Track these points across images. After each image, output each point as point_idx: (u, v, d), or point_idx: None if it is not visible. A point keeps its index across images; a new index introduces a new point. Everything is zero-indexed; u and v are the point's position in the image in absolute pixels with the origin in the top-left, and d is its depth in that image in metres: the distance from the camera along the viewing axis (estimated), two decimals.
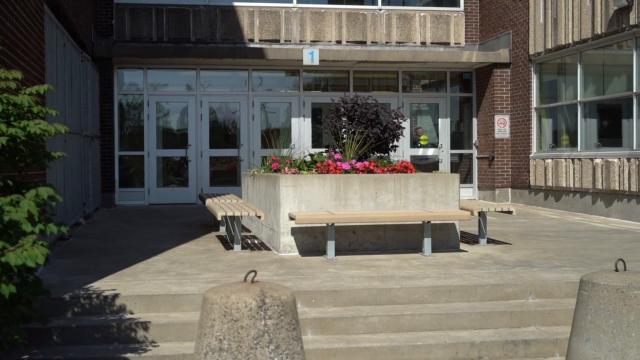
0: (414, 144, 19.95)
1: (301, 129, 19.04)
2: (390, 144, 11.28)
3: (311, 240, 9.54)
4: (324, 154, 10.85)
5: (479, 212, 10.28)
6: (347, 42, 19.14)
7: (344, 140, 10.80)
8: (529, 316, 7.07)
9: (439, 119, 20.02)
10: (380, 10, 19.38)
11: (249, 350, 4.38)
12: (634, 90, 13.79)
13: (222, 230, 11.99)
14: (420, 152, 19.90)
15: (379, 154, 11.27)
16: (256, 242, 10.81)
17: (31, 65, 7.83)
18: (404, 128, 11.42)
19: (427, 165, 19.67)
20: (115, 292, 6.95)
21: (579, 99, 15.68)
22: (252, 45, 18.57)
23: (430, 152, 19.93)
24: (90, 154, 14.54)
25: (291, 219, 9.09)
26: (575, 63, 15.79)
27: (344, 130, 10.98)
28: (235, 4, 18.74)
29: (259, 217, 9.55)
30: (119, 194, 18.30)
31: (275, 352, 4.43)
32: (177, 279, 7.68)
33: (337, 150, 10.90)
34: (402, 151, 19.46)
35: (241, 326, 4.40)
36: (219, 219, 9.66)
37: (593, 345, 5.24)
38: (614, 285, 5.23)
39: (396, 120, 11.12)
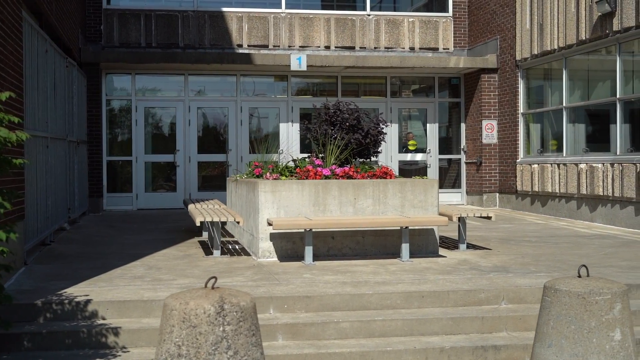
0: (403, 149, 19.98)
1: (289, 134, 19.07)
2: (372, 150, 11.31)
3: (290, 246, 9.57)
4: (307, 160, 10.88)
5: (459, 218, 10.30)
6: (335, 47, 19.18)
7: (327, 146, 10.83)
8: (500, 321, 7.10)
9: (427, 124, 20.07)
10: (369, 15, 19.44)
11: (207, 356, 4.40)
12: (618, 96, 13.84)
13: (205, 235, 12.01)
14: (408, 157, 19.94)
15: (361, 160, 11.31)
16: (237, 247, 10.83)
17: (7, 71, 7.85)
18: (385, 134, 11.45)
19: (416, 170, 19.71)
20: (87, 297, 6.97)
21: (564, 105, 15.74)
22: (240, 51, 18.61)
23: (419, 157, 19.96)
24: (76, 159, 14.54)
25: (269, 224, 9.11)
26: (561, 68, 15.85)
27: (326, 136, 11.00)
28: (224, 9, 18.79)
29: (238, 222, 9.58)
30: (107, 199, 18.31)
31: (233, 357, 4.45)
32: (152, 284, 7.70)
33: (319, 155, 10.93)
34: (391, 156, 19.52)
35: (200, 332, 4.42)
36: (198, 224, 9.68)
37: (555, 350, 5.27)
38: (576, 291, 5.26)
39: (377, 126, 11.15)
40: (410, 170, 19.55)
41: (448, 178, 20.12)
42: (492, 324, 7.07)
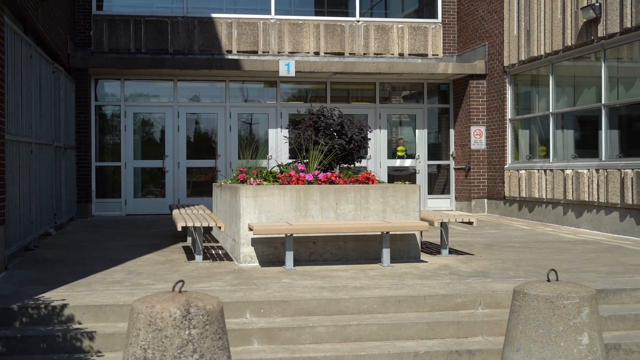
0: (392, 155, 20.02)
1: (278, 139, 19.09)
2: (356, 155, 11.34)
3: (271, 251, 9.59)
4: (292, 165, 10.91)
5: (441, 223, 10.33)
6: (325, 53, 19.23)
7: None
8: (476, 326, 7.12)
9: (417, 130, 20.10)
10: (358, 22, 19.49)
11: (173, 359, 4.42)
12: (603, 102, 13.89)
13: (190, 241, 12.02)
14: (397, 163, 19.97)
15: (345, 165, 11.34)
16: (221, 252, 10.85)
17: None
18: (369, 139, 11.48)
19: (406, 176, 19.73)
20: (64, 302, 6.98)
21: (551, 110, 15.79)
22: (229, 57, 18.65)
23: (408, 163, 19.99)
24: (63, 165, 14.55)
25: (250, 229, 9.13)
26: (548, 75, 15.91)
27: (309, 141, 11.03)
28: (214, 15, 18.83)
29: (219, 227, 9.60)
30: (96, 204, 18.32)
31: None
32: (130, 289, 7.71)
33: (303, 161, 10.96)
34: (380, 162, 19.55)
35: (165, 335, 4.43)
36: (179, 229, 9.70)
37: (523, 355, 5.29)
38: (544, 295, 5.28)
39: (362, 132, 11.18)
40: (400, 177, 19.57)
41: (437, 184, 20.16)
42: (468, 328, 7.10)
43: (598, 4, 13.67)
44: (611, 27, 13.40)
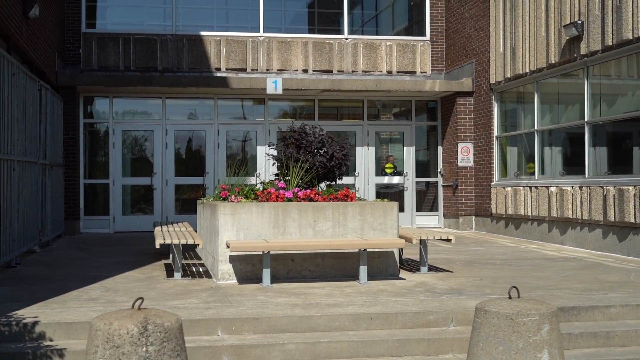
0: (381, 172, 20.07)
1: (266, 156, 19.13)
2: (338, 172, 11.39)
3: (249, 268, 9.62)
4: (274, 182, 10.96)
5: (420, 240, 10.37)
6: (313, 70, 19.32)
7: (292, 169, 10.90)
8: (447, 343, 7.14)
9: (405, 147, 20.17)
10: (347, 39, 19.60)
11: None
12: (586, 119, 13.97)
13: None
14: (385, 180, 20.02)
15: (328, 182, 11.38)
16: (201, 270, 10.87)
17: None
18: (350, 156, 11.53)
19: (394, 194, 19.78)
20: (36, 319, 7.00)
21: (536, 128, 15.87)
22: (218, 74, 18.74)
23: (396, 180, 20.04)
24: (50, 182, 14.59)
25: (227, 246, 9.17)
26: (533, 92, 16.00)
27: (290, 158, 11.08)
28: (203, 33, 18.94)
29: (197, 244, 9.63)
30: (84, 222, 18.34)
31: None
32: (104, 306, 7.73)
33: (285, 178, 11.00)
34: (368, 179, 19.61)
35: (122, 352, 4.47)
36: (157, 246, 9.74)
37: None
38: (504, 313, 5.32)
39: (343, 149, 11.23)
40: (388, 194, 19.63)
41: (426, 201, 20.20)
42: (439, 345, 7.12)
43: (580, 22, 13.78)
44: (593, 45, 13.50)
